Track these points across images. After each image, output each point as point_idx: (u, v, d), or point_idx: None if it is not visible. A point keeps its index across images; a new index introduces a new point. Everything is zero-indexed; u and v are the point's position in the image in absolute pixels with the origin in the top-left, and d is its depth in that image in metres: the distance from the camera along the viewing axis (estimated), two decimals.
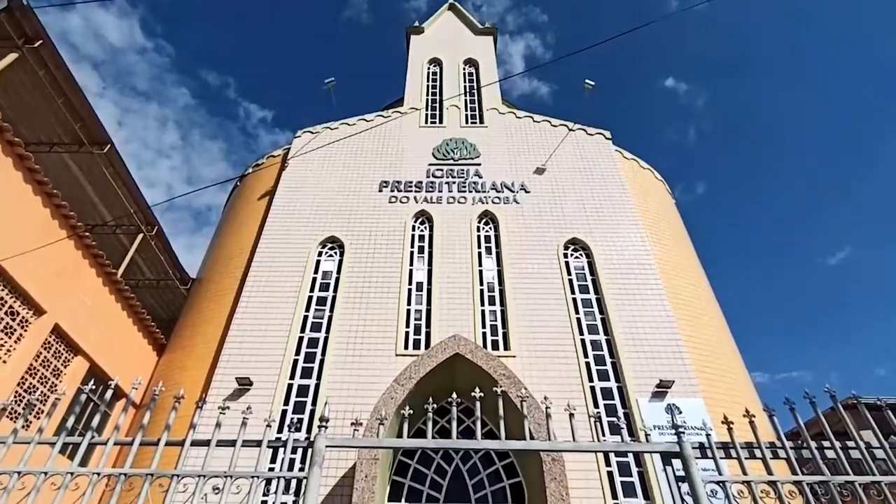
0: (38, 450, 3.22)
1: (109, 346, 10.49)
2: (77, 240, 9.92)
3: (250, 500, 3.05)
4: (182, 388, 3.83)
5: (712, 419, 9.12)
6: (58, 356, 9.43)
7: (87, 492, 3.02)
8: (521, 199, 13.88)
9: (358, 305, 11.53)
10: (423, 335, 11.10)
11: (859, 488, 3.07)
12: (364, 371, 10.29)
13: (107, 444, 3.29)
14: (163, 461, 3.19)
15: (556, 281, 12.00)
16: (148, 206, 12.48)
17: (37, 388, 8.77)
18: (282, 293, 11.74)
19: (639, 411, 9.71)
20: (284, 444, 3.41)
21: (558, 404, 4.04)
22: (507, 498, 8.92)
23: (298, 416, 9.78)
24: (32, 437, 3.28)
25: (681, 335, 10.95)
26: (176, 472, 3.14)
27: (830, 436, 3.26)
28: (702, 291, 13.04)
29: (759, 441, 3.31)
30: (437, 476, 9.14)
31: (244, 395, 9.86)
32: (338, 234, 13.02)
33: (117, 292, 10.97)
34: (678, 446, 3.31)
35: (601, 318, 11.42)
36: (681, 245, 14.11)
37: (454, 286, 11.92)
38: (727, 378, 10.81)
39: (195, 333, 11.77)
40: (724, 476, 3.17)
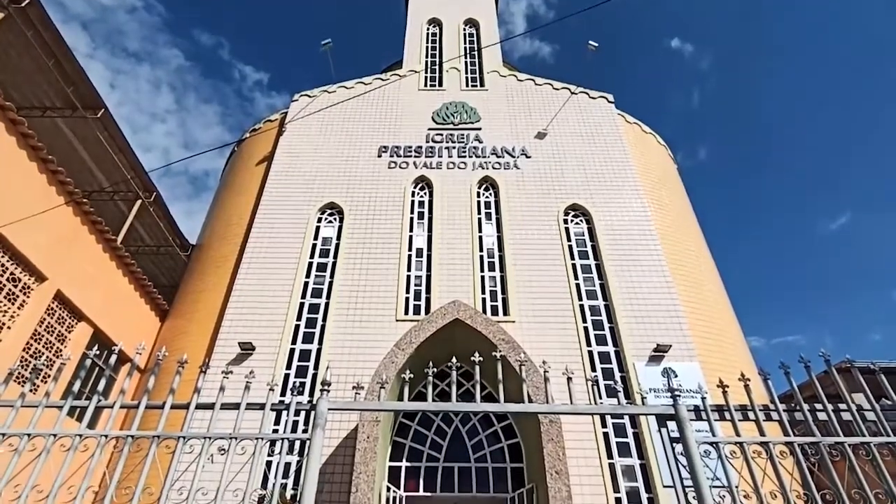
0: (46, 413, 3.29)
1: (112, 312, 10.58)
2: (75, 206, 9.87)
3: (255, 461, 3.13)
4: (185, 353, 3.88)
5: (708, 383, 9.29)
6: (61, 322, 9.53)
7: (96, 453, 3.09)
8: (522, 165, 13.75)
9: (358, 271, 11.57)
10: (423, 301, 11.19)
11: (849, 449, 3.14)
12: (365, 336, 10.42)
13: (113, 407, 3.35)
14: (168, 424, 3.26)
15: (555, 247, 12.01)
16: (145, 172, 12.37)
17: (42, 354, 8.90)
18: (282, 259, 11.76)
19: (635, 375, 9.88)
20: (287, 407, 3.48)
21: (556, 368, 4.10)
22: (505, 458, 9.18)
23: (301, 380, 9.96)
24: (40, 400, 3.34)
25: (679, 301, 11.04)
26: (182, 434, 3.21)
27: (823, 398, 3.32)
28: (701, 257, 13.06)
29: (753, 404, 3.37)
30: (438, 437, 9.37)
31: (247, 359, 10.01)
32: (337, 201, 12.96)
33: (118, 259, 11.00)
34: (673, 409, 3.38)
35: (600, 284, 11.49)
36: (681, 211, 14.06)
37: (454, 252, 11.94)
38: (724, 343, 10.95)
39: (197, 299, 11.86)
40: (718, 437, 3.24)
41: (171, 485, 3.00)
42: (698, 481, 3.06)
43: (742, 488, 3.06)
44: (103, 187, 12.58)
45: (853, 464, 3.08)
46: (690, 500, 3.10)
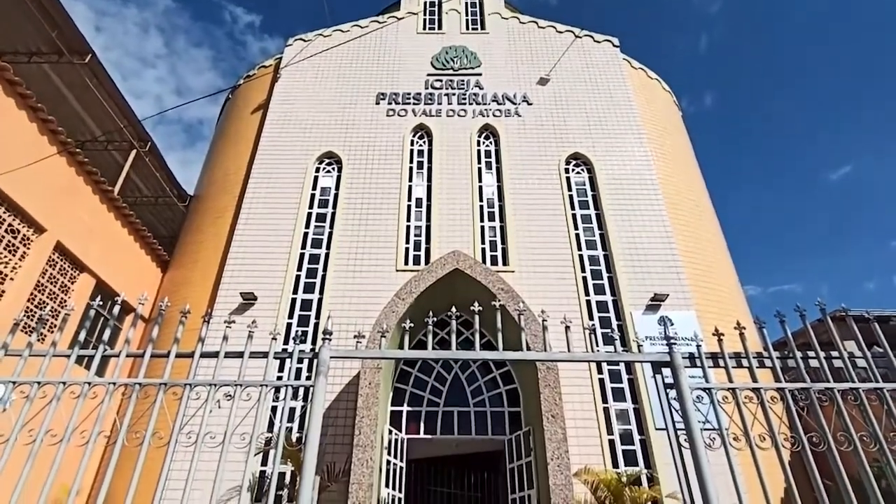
0: (54, 362, 3.35)
1: (114, 263, 10.63)
2: (69, 156, 9.72)
3: (260, 407, 3.22)
4: (188, 303, 3.92)
5: (703, 331, 9.47)
6: (63, 273, 9.59)
7: (105, 400, 3.18)
8: (523, 112, 13.44)
9: (357, 222, 11.55)
10: (422, 251, 11.23)
11: (837, 394, 3.23)
12: (365, 286, 10.52)
13: (119, 356, 3.42)
14: (174, 372, 3.33)
15: (556, 197, 11.94)
16: (138, 121, 12.10)
17: (47, 304, 9.01)
18: (281, 210, 11.71)
19: (632, 323, 10.05)
20: (290, 355, 3.55)
21: (555, 317, 4.15)
22: (503, 402, 9.48)
23: (303, 329, 10.14)
24: (47, 350, 3.40)
25: (678, 250, 11.08)
26: (189, 382, 3.29)
27: (816, 346, 3.38)
28: (702, 206, 13.00)
29: (747, 351, 3.44)
30: (438, 383, 9.65)
31: (249, 309, 10.15)
32: (335, 150, 12.76)
33: (116, 210, 10.94)
34: (669, 356, 3.45)
35: (600, 234, 11.49)
36: (684, 159, 13.87)
37: (454, 202, 11.87)
38: (720, 292, 11.08)
39: (197, 250, 11.90)
40: (711, 384, 3.32)
41: (179, 429, 3.10)
42: (690, 424, 3.16)
43: (732, 431, 3.16)
44: (96, 136, 12.33)
45: (841, 408, 3.17)
46: (682, 442, 3.21)
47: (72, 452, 2.96)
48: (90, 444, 3.02)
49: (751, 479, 3.15)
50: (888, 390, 3.26)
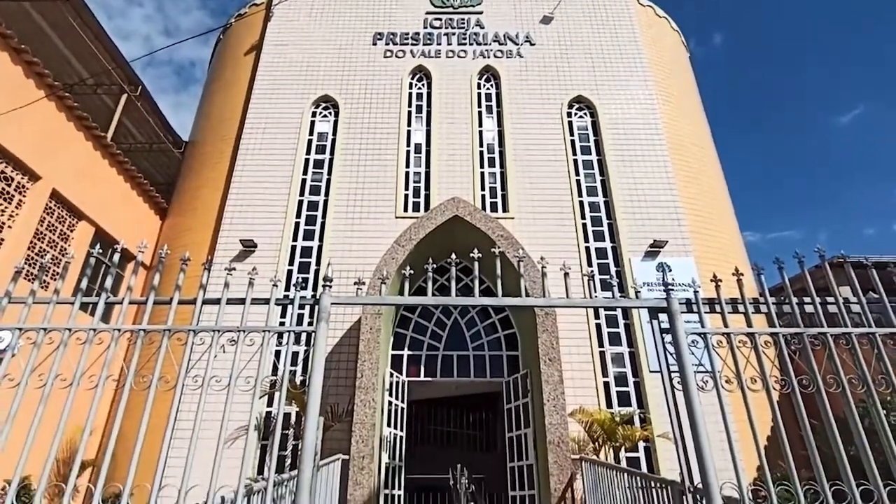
0: (59, 309, 3.38)
1: (112, 210, 10.57)
2: (58, 101, 9.45)
3: (263, 351, 3.29)
4: (188, 250, 3.92)
5: (701, 277, 9.56)
6: (62, 221, 9.56)
7: (111, 346, 3.24)
8: (525, 53, 12.97)
9: (356, 168, 11.40)
10: (422, 198, 11.15)
11: (830, 339, 3.29)
12: (365, 233, 10.52)
13: (122, 303, 3.46)
14: (177, 319, 3.37)
15: (557, 142, 11.73)
16: (127, 62, 11.68)
17: (47, 252, 9.04)
18: (278, 156, 11.53)
19: (631, 270, 10.13)
20: (292, 301, 3.59)
21: (554, 264, 4.17)
22: (501, 346, 9.70)
23: (303, 276, 10.23)
24: (51, 297, 3.43)
25: (679, 197, 11.00)
26: (192, 328, 3.35)
27: (812, 291, 3.41)
28: (705, 151, 12.79)
29: (744, 297, 3.47)
30: (437, 328, 9.84)
31: (249, 256, 10.20)
32: (331, 93, 12.41)
33: (110, 157, 10.76)
34: (666, 302, 3.49)
35: (601, 180, 11.38)
36: (690, 103, 13.51)
37: (453, 147, 11.68)
38: (720, 238, 11.09)
39: (195, 197, 11.80)
40: (706, 329, 3.38)
41: (185, 374, 3.18)
42: (684, 368, 3.24)
43: (724, 374, 3.25)
44: (83, 79, 11.95)
45: (832, 352, 3.24)
46: (675, 384, 3.31)
47: (82, 396, 3.05)
48: (99, 388, 3.10)
49: (739, 420, 3.27)
50: (880, 335, 3.32)
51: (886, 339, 3.33)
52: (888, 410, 3.19)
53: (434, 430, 13.48)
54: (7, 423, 2.95)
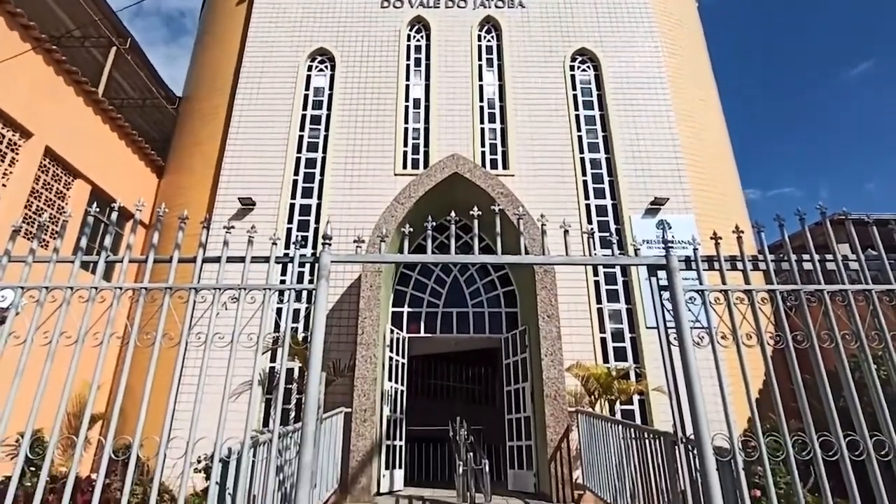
0: (60, 268, 3.39)
1: (108, 169, 10.44)
2: (45, 54, 9.17)
3: (265, 309, 3.32)
4: (186, 209, 3.90)
5: (701, 234, 9.54)
6: (57, 179, 9.46)
7: (114, 304, 3.27)
8: (527, 2, 12.50)
9: (353, 124, 11.19)
10: (421, 154, 11.00)
11: (826, 295, 3.32)
12: (363, 191, 10.44)
13: (122, 261, 3.46)
14: (177, 277, 3.39)
15: (559, 96, 11.47)
16: (113, 12, 11.27)
17: (44, 211, 8.99)
18: (274, 112, 11.30)
19: (630, 227, 10.12)
20: (292, 259, 3.60)
21: (554, 221, 4.16)
22: (500, 303, 9.81)
23: (303, 234, 10.22)
24: (51, 256, 3.43)
25: (682, 154, 10.86)
26: (194, 286, 3.37)
27: (811, 248, 3.42)
28: (710, 106, 12.51)
29: (743, 254, 3.48)
30: (437, 286, 9.91)
31: (248, 214, 10.16)
32: (327, 46, 12.03)
33: (103, 113, 10.53)
34: (665, 259, 3.50)
35: (603, 136, 11.20)
36: (696, 55, 13.11)
37: (453, 103, 11.43)
38: (721, 195, 11.01)
39: (192, 154, 11.64)
40: (704, 286, 3.40)
41: (188, 331, 3.22)
42: (681, 324, 3.28)
43: (720, 330, 3.29)
44: (70, 31, 11.55)
45: (828, 308, 3.27)
46: (671, 340, 3.36)
47: (88, 353, 3.10)
48: (104, 346, 3.15)
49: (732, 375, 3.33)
50: (876, 291, 3.34)
51: (882, 295, 3.36)
52: (878, 365, 3.25)
53: (434, 385, 13.82)
54: (16, 377, 3.02)
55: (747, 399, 3.13)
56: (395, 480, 8.25)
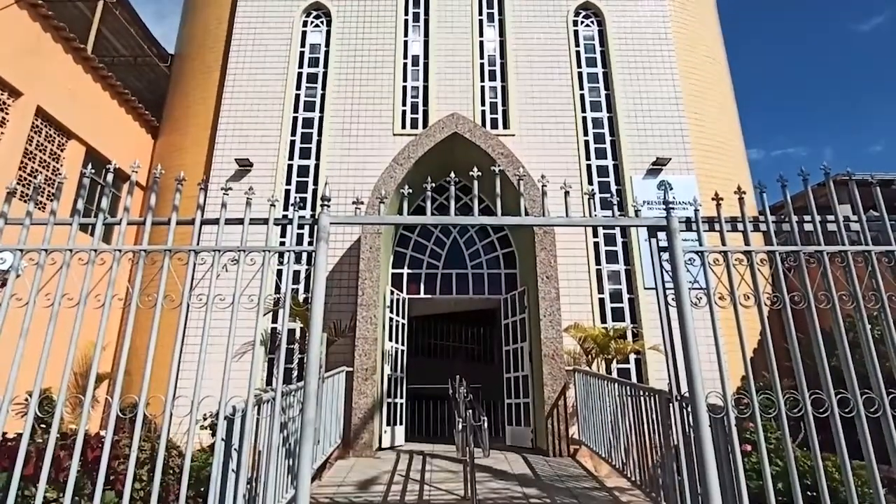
0: (58, 230, 3.38)
1: (101, 129, 10.26)
2: (30, 9, 8.86)
3: (265, 271, 3.33)
4: (182, 170, 3.85)
5: (703, 195, 9.49)
6: (51, 140, 9.31)
7: (114, 266, 3.27)
8: None
9: (351, 82, 10.93)
10: (420, 114, 10.80)
11: (825, 256, 3.32)
12: (362, 151, 10.31)
13: (121, 223, 3.45)
14: (176, 240, 3.38)
15: (562, 53, 11.16)
16: None
17: (39, 172, 8.90)
18: (269, 70, 11.02)
19: (631, 188, 10.04)
20: (290, 221, 3.58)
21: (554, 182, 4.12)
22: (500, 265, 9.85)
23: (301, 196, 10.14)
24: (48, 218, 3.41)
25: (685, 111, 10.67)
26: (193, 248, 3.37)
27: (813, 209, 3.40)
28: (716, 63, 12.18)
29: (744, 215, 3.47)
30: (437, 247, 9.92)
31: (245, 176, 10.06)
32: (323, 0, 11.61)
33: (93, 71, 10.27)
34: (665, 220, 3.48)
35: (606, 95, 10.96)
36: (703, 9, 12.67)
37: (452, 60, 11.13)
38: (723, 156, 10.88)
39: (187, 114, 11.42)
40: (703, 247, 3.40)
41: (189, 293, 3.24)
42: (679, 285, 3.30)
43: (718, 291, 3.31)
44: None
45: (826, 269, 3.29)
46: (669, 301, 3.39)
47: (91, 314, 3.13)
48: (106, 307, 3.17)
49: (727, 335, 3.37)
50: (875, 252, 3.35)
51: (881, 256, 3.37)
52: (873, 325, 3.29)
53: (434, 344, 14.04)
54: (21, 339, 3.05)
55: (742, 358, 3.18)
56: (396, 436, 8.50)
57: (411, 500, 5.30)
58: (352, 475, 6.42)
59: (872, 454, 2.95)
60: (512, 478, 6.32)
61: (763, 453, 2.99)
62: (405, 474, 6.54)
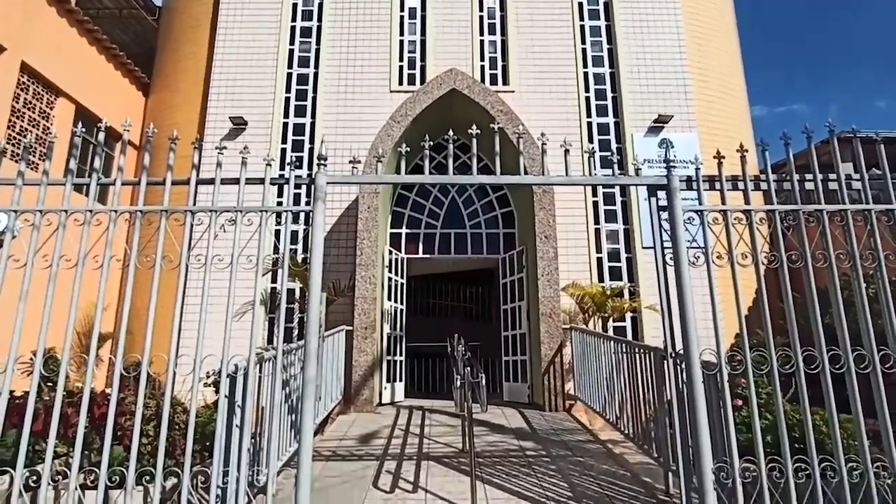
0: (52, 191, 3.34)
1: (90, 86, 9.99)
2: None
3: (262, 231, 3.32)
4: (175, 129, 3.77)
5: (704, 153, 9.36)
6: (38, 97, 9.09)
7: (111, 227, 3.25)
8: None
9: (346, 36, 10.59)
10: (417, 69, 10.52)
11: (825, 215, 3.31)
12: (358, 108, 10.10)
13: (115, 183, 3.41)
14: (172, 200, 3.35)
15: (564, 4, 10.78)
16: None
17: (29, 132, 8.73)
18: (261, 24, 10.64)
19: (632, 146, 9.91)
20: (287, 181, 3.54)
21: (554, 140, 4.05)
22: (498, 225, 9.83)
23: (297, 155, 10.00)
24: (41, 178, 3.37)
25: (689, 68, 10.40)
26: (190, 208, 3.34)
27: (815, 167, 3.36)
28: (723, 15, 11.76)
29: (745, 174, 3.43)
30: (435, 207, 9.87)
31: (240, 134, 9.88)
32: None
33: (78, 24, 9.89)
34: (666, 179, 3.45)
35: (608, 49, 10.65)
36: None
37: (451, 13, 10.75)
38: (726, 113, 10.68)
39: (177, 70, 11.11)
40: (703, 206, 3.38)
41: (187, 253, 3.23)
42: (678, 244, 3.30)
43: (716, 250, 3.32)
44: None
45: (825, 228, 3.28)
46: (667, 260, 3.40)
47: (90, 276, 3.13)
48: (104, 268, 3.17)
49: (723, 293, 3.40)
50: (875, 211, 3.34)
51: (881, 215, 3.36)
52: (868, 284, 3.32)
53: (433, 303, 14.18)
54: (21, 300, 3.07)
55: (737, 316, 3.22)
56: (395, 392, 8.70)
57: (411, 452, 5.47)
58: (353, 429, 6.61)
59: (860, 408, 3.03)
60: (509, 431, 6.51)
61: (754, 407, 3.07)
62: (405, 428, 6.73)
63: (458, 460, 5.07)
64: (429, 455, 5.34)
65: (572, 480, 4.51)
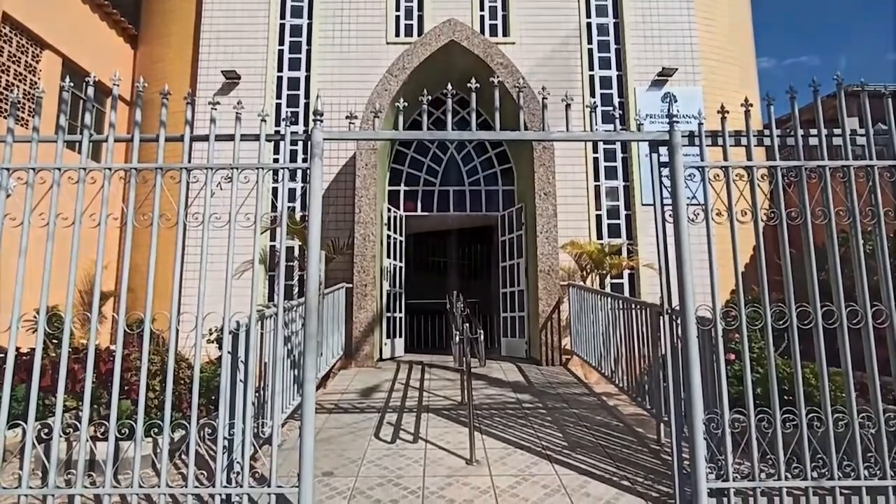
0: (44, 149, 3.28)
1: (76, 38, 9.65)
2: None
3: (260, 188, 3.29)
4: (166, 83, 3.67)
5: (708, 108, 9.15)
6: (23, 50, 8.79)
7: (105, 185, 3.22)
8: None
9: None
10: (415, 20, 10.16)
11: (827, 171, 3.28)
12: (354, 61, 9.82)
13: (107, 140, 3.34)
14: (166, 157, 3.30)
15: None
16: None
17: (15, 86, 8.49)
18: None
19: (635, 101, 9.71)
20: (283, 137, 3.47)
21: (555, 94, 3.95)
22: (497, 182, 9.75)
23: (293, 110, 9.79)
24: (31, 135, 3.30)
25: (695, 18, 10.06)
26: (185, 166, 3.29)
27: (820, 122, 3.30)
28: None
29: (749, 129, 3.37)
30: (433, 163, 9.76)
31: (234, 89, 9.64)
32: None
33: None
34: (668, 135, 3.39)
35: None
36: None
37: None
38: (732, 66, 10.39)
39: (166, 21, 10.71)
40: (704, 162, 3.35)
41: (184, 211, 3.21)
42: (678, 201, 3.28)
43: (716, 207, 3.31)
44: None
45: (827, 185, 3.26)
46: (667, 217, 3.39)
47: (88, 234, 3.13)
48: (102, 226, 3.16)
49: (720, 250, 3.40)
50: (878, 167, 3.30)
51: (884, 171, 3.33)
52: (865, 240, 3.32)
53: (432, 261, 14.24)
54: (21, 257, 3.07)
55: (734, 272, 3.24)
56: (395, 348, 8.87)
57: (411, 405, 5.63)
58: (354, 383, 6.77)
59: (850, 361, 3.10)
60: (506, 385, 6.68)
61: (746, 361, 3.14)
62: (405, 382, 6.89)
63: (456, 412, 5.22)
64: (428, 408, 5.50)
65: (567, 431, 4.66)
